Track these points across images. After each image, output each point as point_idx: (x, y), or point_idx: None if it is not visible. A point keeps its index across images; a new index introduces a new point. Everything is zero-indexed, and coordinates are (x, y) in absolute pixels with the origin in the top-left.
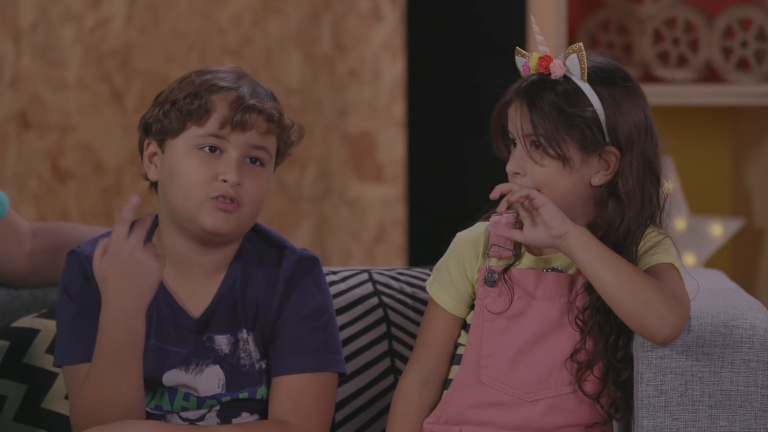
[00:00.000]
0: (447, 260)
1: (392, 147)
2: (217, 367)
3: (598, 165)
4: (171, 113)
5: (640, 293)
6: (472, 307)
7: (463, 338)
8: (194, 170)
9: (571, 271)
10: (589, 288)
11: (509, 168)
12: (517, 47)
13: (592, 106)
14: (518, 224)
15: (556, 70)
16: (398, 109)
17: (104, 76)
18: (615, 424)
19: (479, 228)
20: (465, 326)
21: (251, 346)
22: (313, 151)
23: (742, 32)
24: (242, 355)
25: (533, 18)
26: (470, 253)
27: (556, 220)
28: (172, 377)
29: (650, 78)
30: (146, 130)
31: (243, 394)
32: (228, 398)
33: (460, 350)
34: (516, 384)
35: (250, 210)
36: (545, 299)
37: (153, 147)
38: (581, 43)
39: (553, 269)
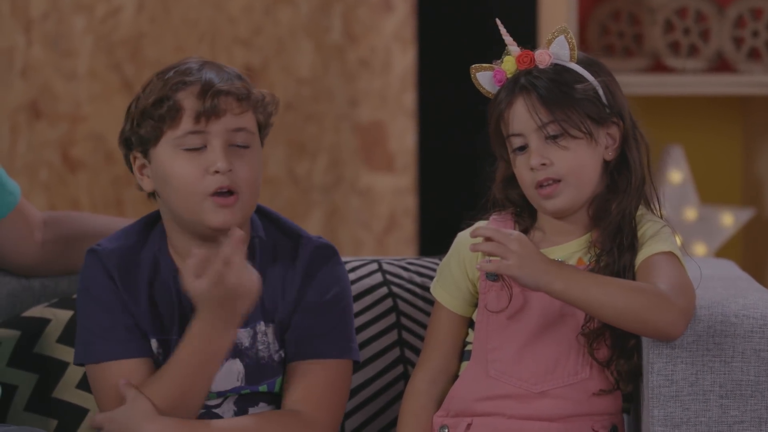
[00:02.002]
0: (449, 260)
1: (403, 137)
2: (237, 360)
3: (605, 140)
4: (144, 123)
5: (632, 305)
6: (475, 305)
7: (471, 336)
8: (184, 171)
9: (572, 261)
10: (591, 271)
11: (534, 162)
12: (473, 65)
13: (588, 80)
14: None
15: (544, 59)
16: (409, 99)
17: (115, 66)
18: (625, 416)
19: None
20: (472, 324)
21: (269, 338)
22: (323, 140)
23: (753, 22)
24: (260, 347)
25: (498, 20)
26: (471, 252)
27: (530, 282)
28: None
29: (661, 68)
30: (127, 145)
31: (262, 387)
32: (248, 391)
33: (470, 347)
34: (523, 376)
35: (250, 194)
36: None
37: (140, 159)
38: (565, 24)
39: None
